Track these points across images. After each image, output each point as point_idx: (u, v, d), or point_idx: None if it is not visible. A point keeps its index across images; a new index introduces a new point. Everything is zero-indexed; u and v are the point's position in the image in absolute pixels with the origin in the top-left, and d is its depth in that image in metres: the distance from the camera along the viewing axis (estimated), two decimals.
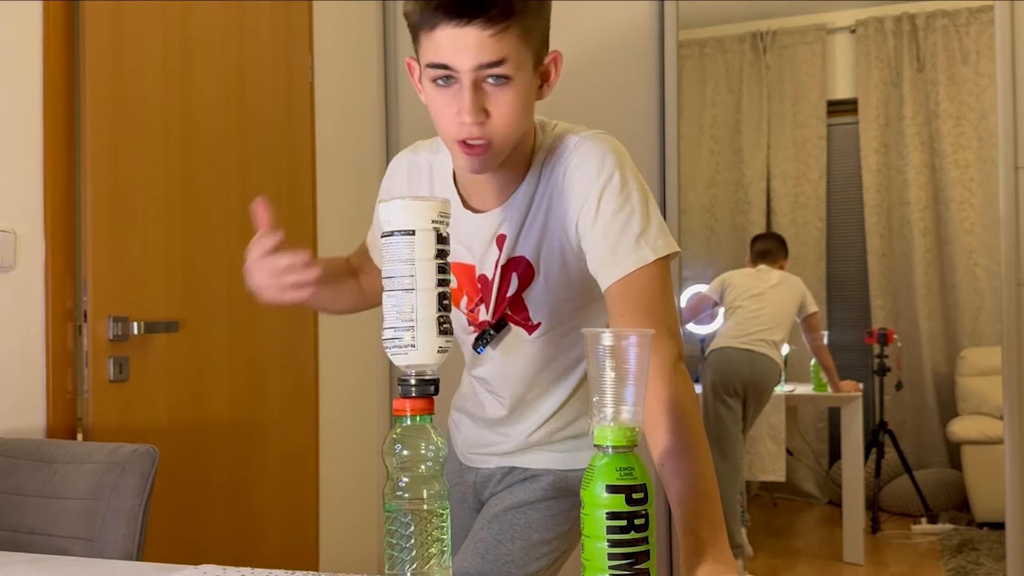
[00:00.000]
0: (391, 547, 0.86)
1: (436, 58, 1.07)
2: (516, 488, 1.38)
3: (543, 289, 1.25)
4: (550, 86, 1.18)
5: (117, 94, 2.08)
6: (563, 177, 1.18)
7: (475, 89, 1.07)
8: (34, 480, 1.59)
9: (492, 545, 1.30)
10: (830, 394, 4.10)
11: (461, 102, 1.07)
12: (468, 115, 1.07)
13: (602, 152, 1.16)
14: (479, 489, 1.45)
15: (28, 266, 1.92)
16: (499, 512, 1.34)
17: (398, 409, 0.87)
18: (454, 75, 1.07)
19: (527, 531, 1.32)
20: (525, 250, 1.23)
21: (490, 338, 1.29)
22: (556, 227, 1.20)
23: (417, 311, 0.88)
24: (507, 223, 1.22)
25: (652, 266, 1.12)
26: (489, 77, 1.07)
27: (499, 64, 1.06)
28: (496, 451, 1.42)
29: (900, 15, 4.94)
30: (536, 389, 1.35)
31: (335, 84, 2.86)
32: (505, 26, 1.05)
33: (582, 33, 2.95)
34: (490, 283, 1.26)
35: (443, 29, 1.05)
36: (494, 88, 1.08)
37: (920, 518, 4.39)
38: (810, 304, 4.01)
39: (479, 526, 1.35)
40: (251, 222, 1.24)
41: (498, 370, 1.34)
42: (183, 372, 2.22)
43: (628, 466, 0.83)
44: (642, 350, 0.83)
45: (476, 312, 1.30)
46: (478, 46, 1.04)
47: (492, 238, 1.24)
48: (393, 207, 0.89)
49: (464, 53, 1.05)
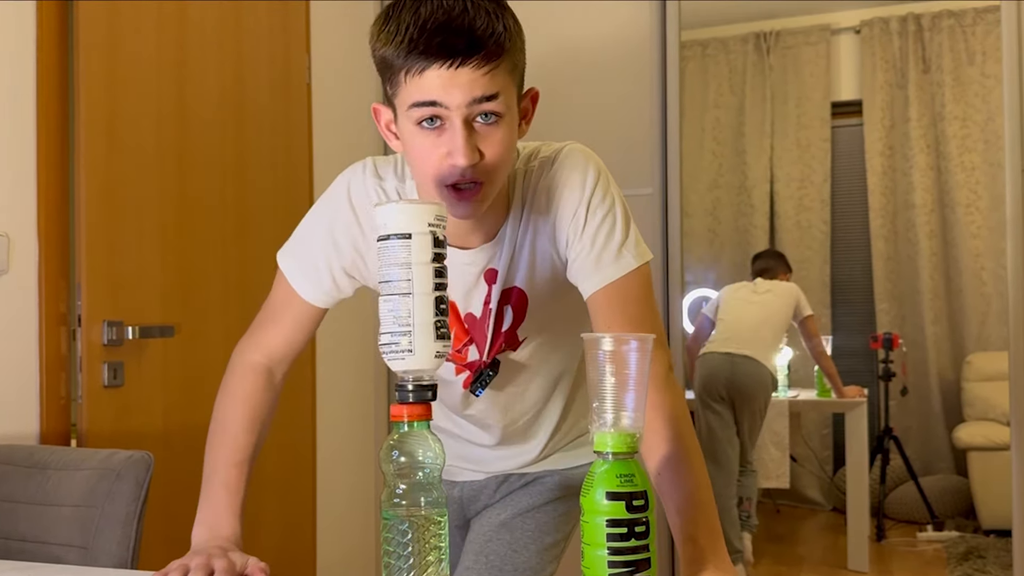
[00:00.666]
0: (388, 555, 0.86)
1: (423, 96, 1.01)
2: (519, 494, 1.37)
3: (534, 312, 1.23)
4: (528, 123, 1.14)
5: (111, 96, 2.07)
6: (547, 197, 1.16)
7: (467, 127, 1.02)
8: (27, 487, 1.58)
9: (507, 555, 1.29)
10: (834, 400, 4.08)
11: (453, 143, 1.02)
12: (463, 156, 1.02)
13: (583, 165, 1.15)
14: (466, 504, 1.42)
15: (21, 270, 1.92)
16: (506, 520, 1.33)
17: (395, 415, 0.86)
18: (443, 114, 1.02)
19: (539, 535, 1.32)
20: (518, 280, 1.20)
21: (489, 379, 1.25)
22: (545, 248, 1.18)
23: (414, 315, 0.87)
24: (497, 257, 1.19)
25: (635, 274, 1.12)
26: (480, 115, 1.03)
27: (492, 99, 1.02)
28: (491, 469, 1.40)
29: (905, 15, 4.92)
30: (528, 402, 1.33)
31: (332, 85, 2.86)
32: (497, 63, 1.02)
33: (583, 33, 2.94)
34: (479, 321, 1.22)
35: (434, 71, 1.00)
36: (485, 127, 1.04)
37: (926, 525, 4.37)
38: (804, 308, 4.00)
39: (483, 538, 1.33)
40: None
41: (490, 401, 1.31)
42: (178, 377, 2.21)
43: (628, 472, 0.82)
44: (642, 355, 0.83)
45: (464, 353, 1.24)
46: (471, 83, 1.01)
47: (479, 274, 1.20)
48: (389, 210, 0.88)
49: (457, 89, 1.00)
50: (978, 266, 4.80)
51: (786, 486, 4.19)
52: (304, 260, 1.22)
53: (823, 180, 5.08)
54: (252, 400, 1.21)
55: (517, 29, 1.06)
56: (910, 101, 4.93)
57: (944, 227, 4.91)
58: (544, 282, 1.20)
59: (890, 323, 4.92)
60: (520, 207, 1.18)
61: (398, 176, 1.20)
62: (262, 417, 1.21)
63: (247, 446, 1.19)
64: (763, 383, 3.86)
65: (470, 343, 1.24)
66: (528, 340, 1.25)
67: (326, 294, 1.22)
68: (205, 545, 1.11)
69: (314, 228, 1.22)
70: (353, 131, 2.98)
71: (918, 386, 4.83)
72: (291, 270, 1.22)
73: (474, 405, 1.30)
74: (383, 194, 1.19)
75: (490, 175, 1.06)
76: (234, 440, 1.18)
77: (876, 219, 5.00)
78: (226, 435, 1.19)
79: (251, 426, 1.20)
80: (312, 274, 1.21)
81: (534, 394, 1.32)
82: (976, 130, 4.80)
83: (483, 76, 1.01)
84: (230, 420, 1.20)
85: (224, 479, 1.16)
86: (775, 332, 3.93)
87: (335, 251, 1.20)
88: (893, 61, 4.97)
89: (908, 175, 4.95)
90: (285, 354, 1.25)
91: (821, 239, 5.08)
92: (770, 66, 5.12)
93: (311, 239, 1.21)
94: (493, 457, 1.38)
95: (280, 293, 1.24)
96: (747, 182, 5.17)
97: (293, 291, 1.22)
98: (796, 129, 5.11)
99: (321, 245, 1.20)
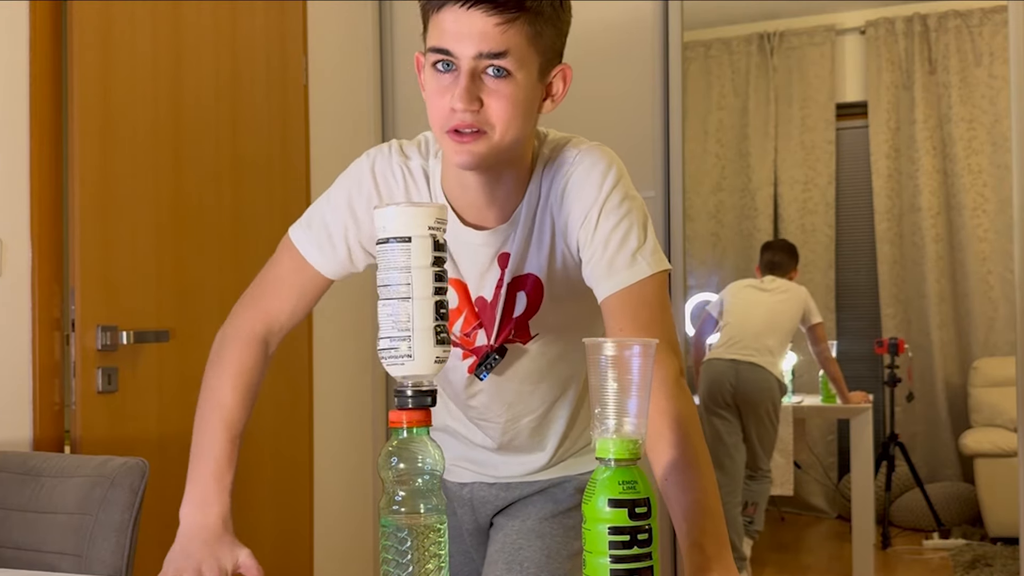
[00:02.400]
0: (387, 563, 0.85)
1: (438, 42, 1.06)
2: (539, 499, 1.37)
3: (550, 306, 1.23)
4: (555, 102, 1.15)
5: (106, 98, 2.06)
6: (563, 191, 1.17)
7: (472, 77, 1.05)
8: (20, 494, 1.58)
9: (543, 563, 1.30)
10: (839, 406, 4.07)
11: (456, 88, 1.05)
12: (460, 101, 1.05)
13: (604, 166, 1.16)
14: (477, 506, 1.40)
15: (14, 274, 1.91)
16: (534, 526, 1.33)
17: (394, 421, 0.86)
18: (454, 61, 1.06)
19: (567, 541, 1.33)
20: (534, 267, 1.21)
21: (495, 363, 1.25)
22: (560, 241, 1.19)
23: (414, 320, 0.87)
24: (511, 241, 1.19)
25: (650, 280, 1.12)
26: (489, 68, 1.05)
27: (501, 56, 1.04)
28: (498, 474, 1.38)
29: (911, 15, 4.91)
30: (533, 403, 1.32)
31: (330, 86, 2.85)
32: (512, 17, 1.04)
33: (584, 33, 2.91)
34: (490, 305, 1.23)
35: (449, 10, 1.04)
36: (493, 80, 1.06)
37: (932, 533, 4.35)
38: (814, 314, 3.97)
39: (514, 545, 1.32)
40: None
41: (494, 393, 1.30)
42: (173, 383, 2.19)
43: (631, 479, 0.81)
44: (645, 360, 0.82)
45: (472, 336, 1.25)
46: (482, 34, 1.03)
47: (493, 257, 1.20)
48: (388, 213, 0.88)
49: (467, 39, 1.04)
50: (985, 270, 4.78)
51: (790, 493, 4.18)
52: (319, 231, 1.21)
53: (828, 183, 5.07)
54: (247, 374, 1.20)
55: (556, 4, 1.09)
56: (916, 103, 4.91)
57: (950, 230, 4.89)
58: (561, 276, 1.21)
59: (896, 328, 4.90)
60: (537, 191, 1.19)
61: (422, 155, 1.22)
62: (254, 391, 1.21)
63: (239, 420, 1.19)
64: (769, 389, 3.83)
65: (479, 327, 1.24)
66: (540, 336, 1.25)
67: (339, 264, 1.22)
68: (194, 536, 1.12)
69: (333, 200, 1.22)
70: (350, 131, 2.97)
71: (924, 392, 4.81)
72: (303, 242, 1.22)
73: (477, 396, 1.30)
74: (408, 172, 1.20)
75: (492, 127, 1.07)
76: (229, 414, 1.18)
77: (881, 222, 4.98)
78: (221, 409, 1.18)
79: (244, 401, 1.19)
80: (326, 244, 1.21)
81: (541, 395, 1.31)
82: (983, 132, 4.78)
83: (494, 27, 1.03)
84: (226, 392, 1.19)
85: (216, 454, 1.17)
86: (782, 338, 3.91)
87: (353, 222, 1.20)
88: (899, 62, 4.96)
89: (914, 178, 4.93)
90: (284, 324, 1.24)
91: (826, 243, 5.06)
92: (774, 67, 5.11)
93: (329, 211, 1.22)
94: (499, 461, 1.37)
95: (287, 262, 1.23)
96: (751, 185, 5.15)
97: (303, 260, 1.22)
98: (800, 131, 5.10)
99: (339, 216, 1.20)
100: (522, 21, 1.04)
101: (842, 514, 4.73)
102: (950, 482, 4.67)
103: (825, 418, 4.77)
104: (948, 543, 4.24)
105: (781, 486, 4.09)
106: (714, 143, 5.20)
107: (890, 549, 4.25)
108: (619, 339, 0.86)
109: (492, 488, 1.39)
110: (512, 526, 1.35)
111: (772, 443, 3.90)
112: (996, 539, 4.17)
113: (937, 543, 4.25)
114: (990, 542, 4.20)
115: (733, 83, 5.16)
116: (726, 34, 5.15)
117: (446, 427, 1.39)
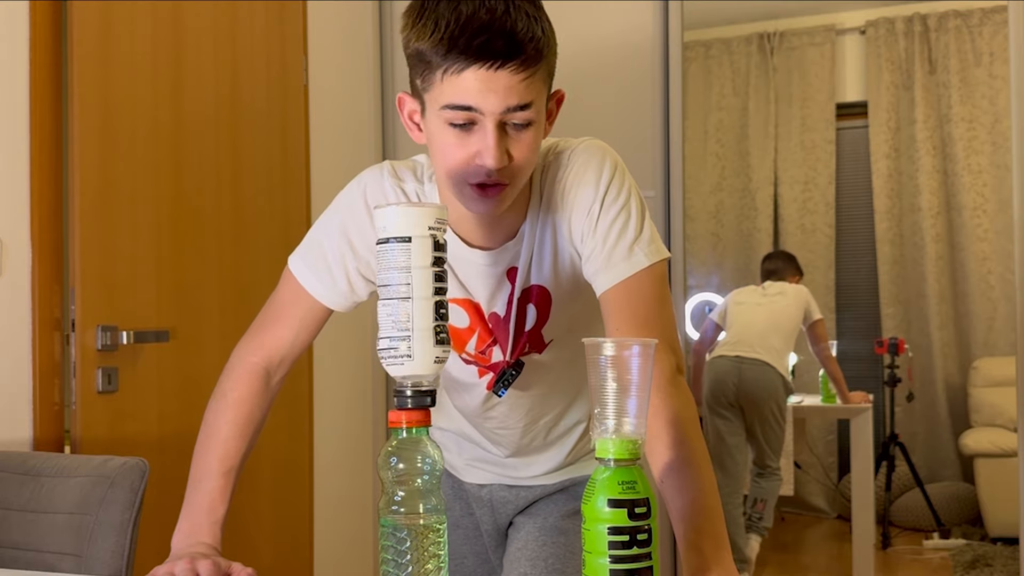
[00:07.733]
0: (387, 563, 0.85)
1: (460, 100, 1.02)
2: (558, 499, 1.37)
3: (560, 310, 1.22)
4: (551, 124, 1.15)
5: (106, 98, 2.06)
6: (563, 193, 1.16)
7: (499, 131, 1.03)
8: (20, 494, 1.57)
9: (567, 559, 1.30)
10: (839, 406, 4.07)
11: (484, 144, 1.03)
12: (493, 159, 1.03)
13: (598, 161, 1.15)
14: (496, 507, 1.40)
15: (14, 274, 1.90)
16: (556, 523, 1.33)
17: (394, 421, 0.86)
18: (476, 118, 1.03)
19: None
20: (540, 277, 1.20)
21: (512, 378, 1.24)
22: (565, 244, 1.18)
23: (413, 320, 0.87)
24: (517, 256, 1.19)
25: (647, 272, 1.11)
26: (514, 119, 1.04)
27: (526, 108, 1.03)
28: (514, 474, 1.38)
29: (911, 15, 4.91)
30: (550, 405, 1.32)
31: (330, 86, 2.84)
32: (535, 70, 1.03)
33: (585, 34, 2.92)
34: (503, 320, 1.22)
35: (473, 71, 1.00)
36: (516, 131, 1.05)
37: (932, 533, 4.36)
38: (814, 311, 3.98)
39: (537, 543, 1.32)
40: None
41: (513, 400, 1.29)
42: (174, 383, 2.19)
43: (630, 479, 0.81)
44: (645, 360, 0.82)
45: (488, 354, 1.24)
46: (507, 89, 1.01)
47: (502, 275, 1.19)
48: (388, 213, 0.88)
49: (493, 95, 1.01)
50: (985, 270, 4.77)
51: (790, 493, 4.18)
52: (317, 262, 1.19)
53: (828, 183, 5.07)
54: (245, 405, 1.18)
55: (552, 33, 1.07)
56: (916, 102, 4.91)
57: (950, 230, 4.88)
58: (567, 280, 1.20)
59: (896, 328, 4.90)
60: (539, 203, 1.18)
61: (418, 179, 1.20)
62: (255, 423, 1.19)
63: (236, 454, 1.17)
64: (773, 387, 3.83)
65: (493, 344, 1.23)
66: (554, 342, 1.24)
67: (342, 296, 1.20)
68: (186, 550, 1.09)
69: (328, 230, 1.20)
70: (350, 133, 2.97)
71: (924, 392, 4.81)
72: (302, 271, 1.20)
73: (495, 408, 1.29)
74: (403, 195, 1.18)
75: (515, 177, 1.07)
76: (224, 446, 1.16)
77: (881, 222, 4.98)
78: (216, 440, 1.17)
79: (242, 432, 1.17)
80: (325, 275, 1.19)
81: (558, 397, 1.31)
82: (983, 132, 4.78)
83: (520, 82, 1.01)
84: (221, 425, 1.17)
85: (209, 487, 1.15)
86: (786, 336, 3.91)
87: (351, 252, 1.18)
88: (899, 62, 4.95)
89: (914, 178, 4.93)
90: (286, 355, 1.22)
91: (826, 243, 5.06)
92: (774, 67, 5.11)
93: (325, 241, 1.19)
94: (516, 463, 1.37)
95: (287, 292, 1.21)
96: (751, 185, 5.15)
97: (302, 289, 1.20)
98: (800, 131, 5.10)
99: (336, 246, 1.18)
100: (541, 69, 1.04)
101: (842, 514, 4.73)
102: (950, 482, 4.67)
103: (825, 418, 4.77)
104: (948, 543, 4.24)
105: (782, 486, 4.10)
106: (714, 143, 5.20)
107: (890, 549, 4.26)
108: (618, 339, 0.86)
109: (512, 490, 1.39)
110: (534, 524, 1.35)
111: (780, 441, 3.90)
112: (996, 539, 4.18)
113: (937, 543, 4.25)
114: (990, 542, 4.20)
115: (733, 83, 5.16)
116: (726, 34, 5.15)
117: (461, 432, 1.38)
